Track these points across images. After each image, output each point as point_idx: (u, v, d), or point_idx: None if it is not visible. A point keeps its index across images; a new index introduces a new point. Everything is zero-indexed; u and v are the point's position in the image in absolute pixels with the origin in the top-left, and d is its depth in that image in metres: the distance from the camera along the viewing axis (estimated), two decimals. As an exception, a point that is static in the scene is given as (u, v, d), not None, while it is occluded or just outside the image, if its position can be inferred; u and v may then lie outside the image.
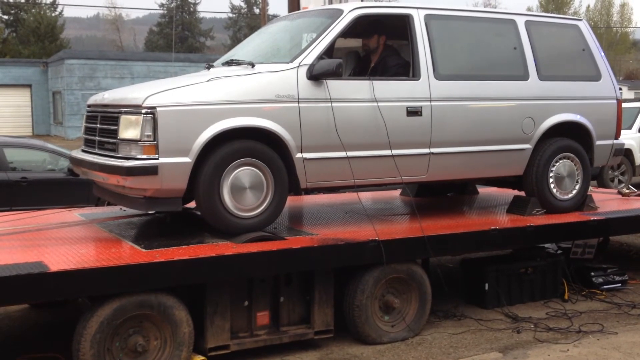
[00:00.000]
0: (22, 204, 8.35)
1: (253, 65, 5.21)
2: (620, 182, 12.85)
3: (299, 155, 5.10)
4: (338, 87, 5.21)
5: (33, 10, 47.16)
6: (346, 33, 5.51)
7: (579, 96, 6.44)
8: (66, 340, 4.39)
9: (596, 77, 6.63)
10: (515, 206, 6.42)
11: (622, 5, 64.91)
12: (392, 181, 5.71)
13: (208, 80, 4.96)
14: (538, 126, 6.18)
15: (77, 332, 4.18)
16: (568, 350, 5.09)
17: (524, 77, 6.15)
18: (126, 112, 4.77)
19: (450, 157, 5.79)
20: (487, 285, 6.03)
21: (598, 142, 6.59)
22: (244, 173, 4.92)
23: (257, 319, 4.87)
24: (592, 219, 6.27)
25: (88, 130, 5.39)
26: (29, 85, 34.32)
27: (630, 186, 8.21)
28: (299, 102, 5.06)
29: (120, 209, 6.09)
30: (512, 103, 6.06)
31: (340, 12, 5.43)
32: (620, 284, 6.72)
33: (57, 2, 48.44)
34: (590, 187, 6.95)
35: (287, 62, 5.16)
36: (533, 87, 6.17)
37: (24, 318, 5.84)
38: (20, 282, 3.94)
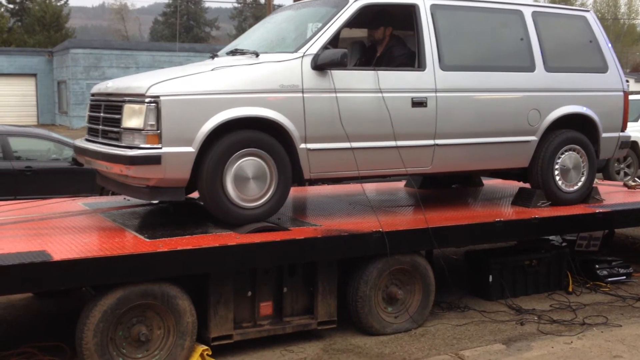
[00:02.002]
0: (26, 193, 8.38)
1: (257, 55, 5.19)
2: (626, 174, 12.80)
3: (302, 145, 5.08)
4: (343, 78, 5.18)
5: (38, 0, 47.13)
6: (351, 23, 5.47)
7: (585, 88, 6.40)
8: (70, 329, 4.40)
9: (603, 69, 6.58)
10: (520, 198, 6.40)
11: (630, -3, 64.55)
12: (397, 172, 5.69)
13: (212, 70, 4.94)
14: (544, 118, 6.15)
15: (80, 321, 4.19)
16: (572, 342, 5.09)
17: (531, 68, 6.11)
18: (130, 101, 4.76)
19: (455, 148, 5.76)
20: (491, 277, 6.02)
21: (604, 135, 6.55)
22: (247, 163, 4.90)
23: (260, 309, 4.87)
24: (597, 211, 6.25)
25: (92, 119, 5.38)
26: (34, 75, 34.35)
27: (636, 179, 8.20)
28: (303, 92, 5.04)
29: (124, 198, 6.09)
30: (518, 94, 6.03)
31: (345, 1, 5.39)
32: (624, 277, 6.71)
33: (62, -8, 48.42)
34: (596, 180, 6.92)
35: (292, 52, 5.14)
36: (539, 78, 6.13)
37: (28, 307, 5.86)
38: (23, 271, 3.94)
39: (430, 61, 5.58)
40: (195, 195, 5.32)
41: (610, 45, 6.75)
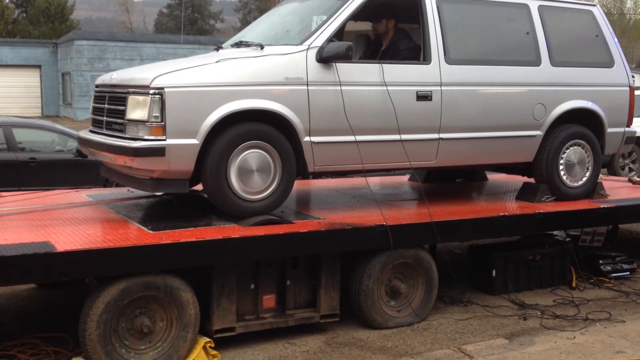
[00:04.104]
0: (30, 184, 8.39)
1: (262, 47, 5.17)
2: (630, 170, 12.77)
3: (307, 138, 5.06)
4: (347, 71, 5.16)
5: (43, -9, 47.06)
6: (357, 16, 5.45)
7: (591, 83, 6.37)
8: (73, 320, 4.41)
9: (609, 63, 6.55)
10: (525, 193, 6.38)
11: (636, -8, 64.20)
12: (401, 166, 5.68)
13: (217, 62, 4.93)
14: (549, 112, 6.12)
15: (83, 312, 4.19)
16: (575, 337, 5.08)
17: (536, 62, 6.08)
18: (134, 93, 4.75)
19: (460, 142, 5.74)
20: (494, 271, 6.01)
21: (609, 130, 6.53)
22: (251, 156, 4.89)
23: (263, 302, 4.87)
24: (601, 206, 6.23)
25: (96, 111, 5.38)
26: (39, 66, 34.34)
27: (641, 174, 8.15)
28: (307, 85, 5.02)
29: (128, 190, 6.09)
30: (523, 89, 6.00)
31: (350, -6, 5.36)
32: (628, 272, 6.70)
33: (67, -17, 48.32)
34: (600, 175, 6.90)
35: (297, 45, 5.12)
36: (545, 72, 6.10)
37: (31, 298, 5.87)
38: (27, 262, 3.95)
39: (435, 55, 5.56)
40: (199, 187, 5.32)
41: (616, 40, 6.71)
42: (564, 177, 6.30)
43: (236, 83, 4.82)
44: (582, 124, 6.37)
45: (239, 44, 5.54)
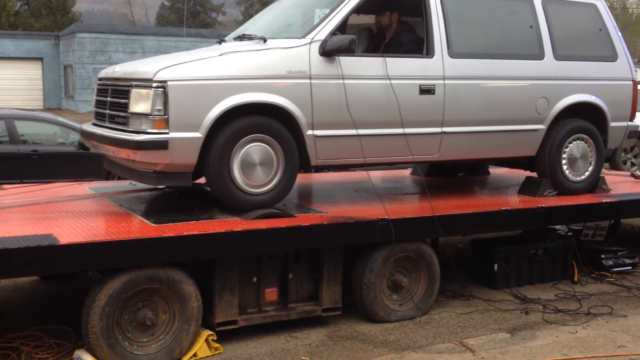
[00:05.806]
0: (32, 177, 8.40)
1: (265, 41, 5.16)
2: (633, 164, 12.74)
3: (309, 132, 5.06)
4: (350, 64, 5.15)
5: (45, -17, 46.94)
6: (360, 9, 5.44)
7: (594, 77, 6.35)
8: (75, 312, 4.41)
9: (612, 57, 6.54)
10: (527, 187, 6.38)
11: (639, -14, 63.95)
12: (403, 160, 5.67)
13: (220, 55, 4.92)
14: (552, 106, 6.11)
15: (86, 305, 4.20)
16: (577, 332, 5.08)
17: (540, 56, 6.07)
18: (137, 86, 4.74)
19: (463, 136, 5.73)
20: (496, 265, 6.01)
21: (612, 124, 6.52)
22: (254, 149, 4.89)
23: (265, 295, 4.88)
24: (604, 201, 6.22)
25: (99, 104, 5.37)
26: (41, 59, 34.30)
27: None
28: (310, 78, 5.01)
29: (130, 183, 6.09)
30: (526, 83, 5.99)
31: (353, -13, 5.34)
32: (630, 267, 6.70)
33: (69, -25, 48.18)
34: (603, 170, 6.90)
35: (300, 38, 5.11)
36: (548, 66, 6.09)
37: (34, 290, 5.88)
38: (29, 255, 3.95)
39: (438, 48, 5.54)
40: (202, 180, 5.32)
41: (620, 33, 6.70)
42: (567, 172, 6.29)
43: (239, 76, 4.81)
44: (585, 118, 6.35)
45: (241, 37, 5.53)
